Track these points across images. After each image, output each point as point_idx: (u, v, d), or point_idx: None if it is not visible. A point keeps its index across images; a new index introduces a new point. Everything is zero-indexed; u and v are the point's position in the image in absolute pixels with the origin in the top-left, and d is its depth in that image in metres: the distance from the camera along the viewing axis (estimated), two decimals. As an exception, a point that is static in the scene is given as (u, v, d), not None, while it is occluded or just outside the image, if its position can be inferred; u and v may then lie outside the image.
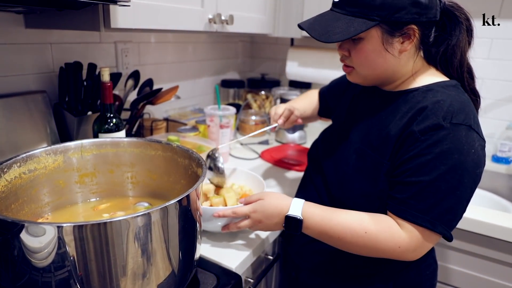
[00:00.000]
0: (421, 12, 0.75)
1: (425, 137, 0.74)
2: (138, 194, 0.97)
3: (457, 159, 0.72)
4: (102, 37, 1.37)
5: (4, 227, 0.55)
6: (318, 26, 0.80)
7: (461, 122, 0.73)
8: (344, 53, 0.85)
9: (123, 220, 0.58)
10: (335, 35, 0.76)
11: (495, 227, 1.20)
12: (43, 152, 0.82)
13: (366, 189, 0.85)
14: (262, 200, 0.88)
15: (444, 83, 0.82)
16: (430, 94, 0.79)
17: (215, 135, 1.51)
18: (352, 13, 0.77)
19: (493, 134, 1.81)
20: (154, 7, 1.04)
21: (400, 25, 0.76)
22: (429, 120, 0.75)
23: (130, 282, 0.62)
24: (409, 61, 0.83)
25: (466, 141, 0.73)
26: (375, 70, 0.83)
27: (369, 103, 0.94)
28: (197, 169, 0.81)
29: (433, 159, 0.73)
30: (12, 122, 1.06)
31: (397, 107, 0.84)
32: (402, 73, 0.84)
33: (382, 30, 0.77)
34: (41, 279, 0.58)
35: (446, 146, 0.73)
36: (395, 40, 0.78)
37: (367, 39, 0.78)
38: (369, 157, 0.85)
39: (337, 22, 0.78)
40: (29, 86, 1.17)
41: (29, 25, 1.10)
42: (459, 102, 0.76)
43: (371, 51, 0.79)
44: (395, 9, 0.73)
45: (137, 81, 1.42)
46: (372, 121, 0.89)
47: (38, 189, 0.82)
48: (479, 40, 1.74)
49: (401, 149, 0.79)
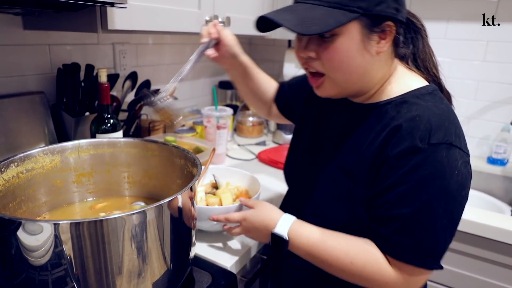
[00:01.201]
0: (399, 9, 0.68)
1: (401, 163, 0.67)
2: (134, 194, 0.98)
3: (439, 185, 0.65)
4: (100, 38, 1.38)
5: (1, 225, 0.56)
6: (289, 16, 0.67)
7: (440, 141, 0.66)
8: (311, 54, 0.72)
9: (119, 218, 0.58)
10: (314, 26, 0.64)
11: (490, 228, 1.21)
12: (40, 152, 0.83)
13: (344, 218, 0.78)
14: (254, 210, 0.85)
15: (419, 92, 0.73)
16: (404, 109, 0.71)
17: (212, 136, 1.52)
18: (329, 3, 0.66)
19: (489, 136, 1.83)
20: (151, 9, 1.05)
21: (380, 19, 0.68)
22: (404, 142, 0.67)
23: (126, 280, 0.63)
24: (384, 65, 0.74)
25: (448, 162, 0.65)
26: (352, 74, 0.72)
27: (338, 117, 0.85)
28: (193, 169, 0.82)
29: (412, 187, 0.66)
30: (10, 123, 1.07)
31: (370, 124, 0.76)
32: (377, 79, 0.75)
33: (362, 24, 0.67)
34: (38, 277, 0.59)
35: (425, 171, 0.65)
36: (373, 37, 0.69)
37: (344, 35, 0.67)
38: (343, 183, 0.77)
39: (313, 13, 0.66)
40: (28, 87, 1.17)
41: (27, 26, 1.11)
42: (437, 115, 0.68)
43: (348, 49, 0.69)
44: (377, 1, 0.66)
45: (135, 82, 1.43)
46: (343, 139, 0.80)
47: (35, 189, 0.83)
48: (475, 43, 1.75)
49: (378, 177, 0.71)
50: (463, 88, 1.83)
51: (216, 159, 1.50)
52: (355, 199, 0.75)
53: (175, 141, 1.38)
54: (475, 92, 1.81)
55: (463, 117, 1.87)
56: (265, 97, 1.12)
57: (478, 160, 1.83)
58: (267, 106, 1.14)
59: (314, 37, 0.71)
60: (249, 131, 1.95)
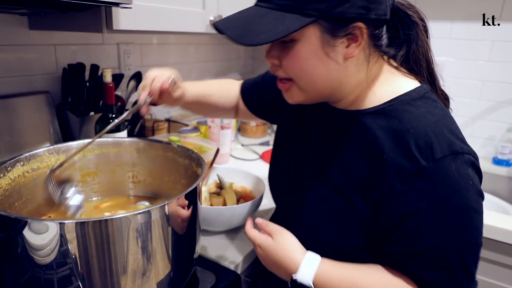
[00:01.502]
0: (369, 7, 0.59)
1: (408, 188, 0.59)
2: (139, 194, 0.98)
3: (458, 203, 0.58)
4: (104, 38, 1.38)
5: (8, 224, 0.56)
6: (237, 25, 0.61)
7: (445, 153, 0.58)
8: (274, 61, 0.66)
9: (124, 218, 0.59)
10: (260, 35, 0.58)
11: (495, 229, 1.20)
12: (46, 151, 0.83)
13: (335, 243, 0.69)
14: (272, 241, 0.70)
15: (410, 96, 0.65)
16: (395, 119, 0.63)
17: (216, 136, 1.52)
18: (281, 6, 0.59)
19: (494, 137, 1.82)
20: (155, 9, 1.05)
21: (343, 22, 0.59)
22: (404, 162, 0.60)
23: (130, 279, 0.63)
24: (359, 70, 0.66)
25: (460, 175, 0.58)
26: (316, 83, 0.65)
27: (320, 123, 0.77)
28: (197, 169, 0.82)
29: (431, 215, 0.58)
30: (16, 122, 1.07)
31: (357, 135, 0.68)
32: (352, 85, 0.67)
33: (321, 29, 0.59)
34: (43, 276, 0.59)
35: (439, 193, 0.58)
36: (338, 42, 0.60)
37: (302, 41, 0.61)
38: (333, 203, 0.69)
39: (263, 19, 0.59)
40: (33, 86, 1.18)
41: (33, 26, 1.12)
42: (434, 123, 0.61)
43: (307, 57, 0.62)
44: (337, 1, 0.57)
45: (139, 82, 1.43)
46: (329, 151, 0.73)
47: (41, 188, 0.83)
48: (480, 43, 1.74)
49: (383, 206, 0.62)
50: (468, 88, 1.82)
51: (220, 159, 1.51)
52: (349, 221, 0.67)
53: (179, 141, 1.39)
54: (480, 92, 1.80)
55: (467, 117, 1.86)
56: (228, 107, 1.03)
57: (483, 161, 1.82)
58: (233, 112, 1.05)
59: (276, 43, 0.64)
60: (253, 131, 1.95)
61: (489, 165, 1.78)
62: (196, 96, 0.94)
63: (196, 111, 1.00)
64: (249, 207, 0.98)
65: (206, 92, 0.96)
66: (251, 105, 1.01)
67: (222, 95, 1.00)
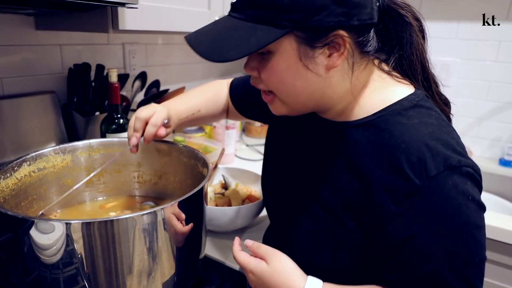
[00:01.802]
0: (349, 13, 0.54)
1: (403, 210, 0.55)
2: (144, 194, 0.98)
3: (459, 222, 0.53)
4: (110, 38, 1.39)
5: (15, 223, 0.57)
6: (208, 39, 0.57)
7: (440, 170, 0.53)
8: (253, 73, 0.63)
9: (130, 218, 0.59)
10: (230, 51, 0.54)
11: (502, 231, 1.19)
12: (52, 151, 0.84)
13: (324, 263, 0.65)
14: (266, 264, 0.62)
15: (401, 106, 0.60)
16: (385, 132, 0.59)
17: (221, 136, 1.53)
18: (253, 18, 0.55)
19: (501, 138, 1.81)
20: (161, 9, 1.05)
21: (322, 31, 0.55)
22: (396, 180, 0.55)
23: (136, 280, 0.63)
24: (345, 79, 0.60)
25: (458, 191, 0.53)
26: (297, 95, 0.61)
27: (309, 134, 0.72)
28: (203, 169, 0.82)
29: (430, 238, 0.54)
30: (22, 122, 1.08)
31: (345, 150, 0.63)
32: (339, 96, 0.62)
33: (297, 40, 0.55)
34: (49, 276, 0.60)
35: (437, 213, 0.53)
36: (317, 52, 0.56)
37: (278, 53, 0.57)
38: (323, 222, 0.65)
39: (234, 32, 0.56)
40: (39, 86, 1.18)
41: (39, 26, 1.12)
42: (427, 136, 0.56)
43: (285, 69, 0.58)
44: (312, 10, 0.52)
45: (144, 82, 1.43)
46: (318, 165, 0.69)
47: (46, 188, 0.84)
48: (487, 43, 1.73)
49: (377, 229, 0.58)
50: (474, 88, 1.81)
51: (224, 159, 1.51)
52: (339, 242, 0.63)
53: (184, 141, 1.39)
54: (487, 92, 1.79)
55: (474, 118, 1.85)
56: (217, 113, 0.99)
57: (490, 162, 1.81)
58: (223, 115, 1.02)
59: (254, 54, 0.60)
60: (258, 132, 1.95)
61: (496, 166, 1.77)
62: (185, 117, 0.91)
63: (185, 127, 0.98)
64: (254, 208, 0.98)
65: (194, 111, 0.93)
66: (241, 108, 0.98)
67: (209, 106, 0.96)
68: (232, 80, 0.99)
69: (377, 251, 0.59)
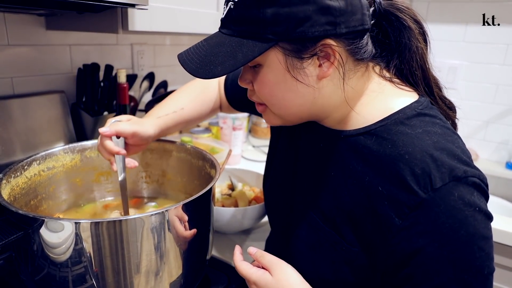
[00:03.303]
0: (335, 22, 0.52)
1: (407, 223, 0.53)
2: (152, 194, 0.99)
3: (466, 235, 0.51)
4: (118, 39, 1.40)
5: (26, 222, 0.57)
6: (198, 56, 0.58)
7: (445, 181, 0.52)
8: (247, 86, 0.63)
9: (138, 218, 0.59)
10: (218, 66, 0.55)
11: (508, 235, 1.19)
12: (61, 150, 0.84)
13: (323, 274, 0.64)
14: (269, 276, 0.60)
15: (404, 115, 0.59)
16: (388, 142, 0.57)
17: (227, 137, 1.53)
18: (239, 33, 0.55)
19: (508, 141, 1.80)
20: (170, 10, 1.06)
21: (307, 42, 0.54)
22: (400, 193, 0.53)
23: (144, 279, 0.63)
24: (338, 88, 0.59)
25: (464, 203, 0.51)
26: (288, 108, 0.60)
27: (310, 141, 0.70)
28: (211, 170, 0.82)
29: (435, 251, 0.52)
30: (31, 121, 1.09)
31: (346, 159, 0.62)
32: (334, 105, 0.61)
33: (284, 52, 0.55)
34: (58, 274, 0.60)
35: (443, 226, 0.51)
36: (306, 63, 0.55)
37: (266, 65, 0.57)
38: (322, 233, 0.63)
39: (221, 48, 0.56)
40: (49, 86, 1.20)
41: (50, 27, 1.13)
42: (431, 146, 0.54)
43: (274, 82, 0.58)
44: (296, 21, 0.52)
45: (152, 82, 1.44)
46: (318, 174, 0.67)
47: (55, 187, 0.85)
48: (495, 46, 1.72)
49: (381, 244, 0.56)
50: (482, 92, 1.80)
51: (231, 160, 1.51)
52: (339, 254, 0.61)
53: (191, 141, 1.39)
54: (494, 96, 1.78)
55: (481, 121, 1.84)
56: (208, 111, 0.96)
57: (496, 165, 1.80)
58: (214, 113, 1.00)
59: (247, 67, 0.61)
60: (264, 133, 1.95)
61: (502, 169, 1.76)
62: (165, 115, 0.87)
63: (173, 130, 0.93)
64: (260, 209, 0.98)
65: (175, 109, 0.89)
66: (239, 105, 0.94)
67: (195, 104, 0.93)
68: (226, 77, 0.96)
69: (382, 266, 0.57)
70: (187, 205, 0.65)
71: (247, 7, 0.53)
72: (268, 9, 0.52)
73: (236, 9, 0.55)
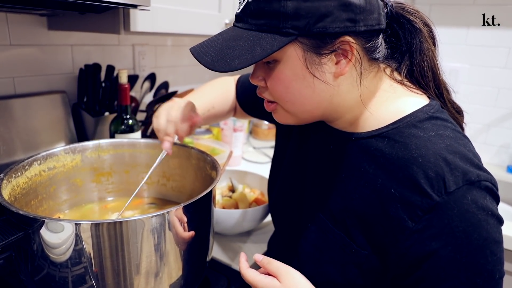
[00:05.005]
0: (355, 19, 0.53)
1: (420, 226, 0.53)
2: (152, 195, 0.98)
3: (478, 238, 0.51)
4: (120, 40, 1.40)
5: (26, 223, 0.57)
6: (213, 50, 0.56)
7: (459, 185, 0.51)
8: (259, 83, 0.62)
9: (138, 220, 0.59)
10: (235, 60, 0.54)
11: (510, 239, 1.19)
12: (62, 151, 0.84)
13: (333, 277, 0.63)
14: (278, 283, 0.58)
15: (416, 118, 0.58)
16: (400, 145, 0.57)
17: (228, 138, 1.53)
18: (257, 26, 0.54)
19: (509, 144, 1.79)
20: (172, 11, 1.06)
21: (327, 38, 0.53)
22: (413, 196, 0.53)
23: (143, 281, 0.63)
24: (354, 87, 0.59)
25: (477, 207, 0.51)
26: (304, 105, 0.59)
27: (320, 143, 0.70)
28: (211, 172, 0.82)
29: (448, 254, 0.52)
30: (32, 121, 1.09)
31: (358, 162, 0.61)
32: (348, 104, 0.61)
33: (303, 47, 0.54)
34: (58, 274, 0.60)
35: (456, 230, 0.51)
36: (324, 59, 0.55)
37: (283, 61, 0.56)
38: (332, 235, 0.63)
39: (238, 42, 0.55)
40: (50, 86, 1.20)
41: (52, 27, 1.13)
42: (444, 149, 0.54)
43: (291, 78, 0.57)
44: (317, 17, 0.51)
45: (153, 83, 1.44)
46: (327, 176, 0.66)
47: (56, 187, 0.84)
48: (496, 49, 1.72)
49: (393, 247, 0.55)
50: (483, 95, 1.80)
51: (232, 161, 1.51)
52: (348, 257, 0.61)
53: (191, 142, 1.39)
54: (496, 99, 1.78)
55: (482, 125, 1.84)
56: (227, 111, 0.98)
57: (498, 169, 1.79)
58: (231, 113, 1.00)
59: (260, 63, 0.60)
60: (265, 134, 1.95)
61: (504, 173, 1.76)
62: (202, 115, 0.88)
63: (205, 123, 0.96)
64: (261, 211, 0.98)
65: (209, 107, 0.91)
66: (248, 108, 0.96)
67: (221, 103, 0.95)
68: (238, 79, 0.97)
69: (393, 268, 0.57)
70: (188, 207, 0.65)
71: (267, 1, 0.52)
72: (289, 2, 0.51)
73: (255, 2, 0.54)
